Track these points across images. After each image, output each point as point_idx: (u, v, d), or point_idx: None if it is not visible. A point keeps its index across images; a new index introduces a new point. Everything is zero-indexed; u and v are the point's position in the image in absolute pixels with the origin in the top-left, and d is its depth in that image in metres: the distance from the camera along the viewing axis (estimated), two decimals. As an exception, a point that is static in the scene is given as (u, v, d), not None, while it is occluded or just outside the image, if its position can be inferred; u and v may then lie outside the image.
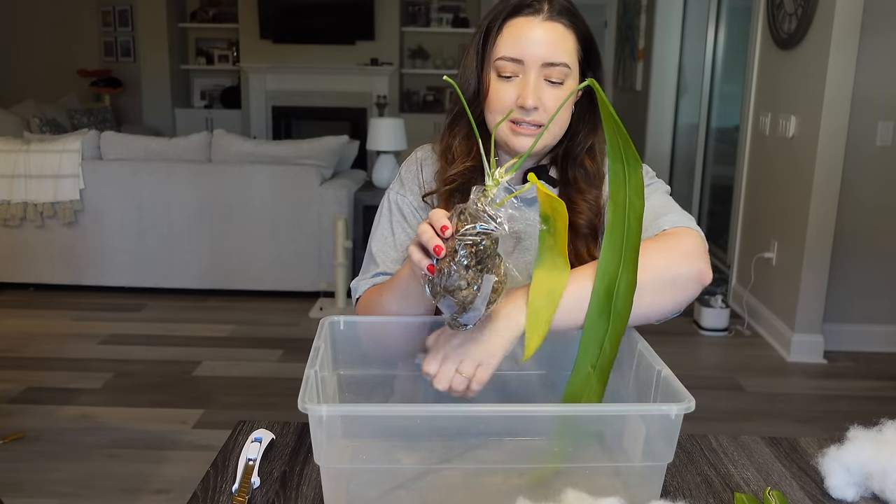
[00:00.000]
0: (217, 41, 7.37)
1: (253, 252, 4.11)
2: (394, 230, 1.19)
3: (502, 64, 1.07)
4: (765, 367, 3.36)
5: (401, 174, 1.23)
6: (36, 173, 3.99)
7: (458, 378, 0.93)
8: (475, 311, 0.85)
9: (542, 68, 1.06)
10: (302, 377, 0.83)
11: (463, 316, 0.86)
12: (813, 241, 3.30)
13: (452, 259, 0.83)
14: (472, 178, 1.14)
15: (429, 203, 1.18)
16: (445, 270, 0.83)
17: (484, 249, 0.83)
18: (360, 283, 1.18)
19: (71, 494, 2.29)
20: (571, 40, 1.08)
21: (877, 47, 3.19)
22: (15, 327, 3.68)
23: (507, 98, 1.08)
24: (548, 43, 1.06)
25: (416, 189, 1.20)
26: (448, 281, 0.83)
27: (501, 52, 1.08)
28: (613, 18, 6.90)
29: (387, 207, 1.21)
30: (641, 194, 0.91)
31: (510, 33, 1.08)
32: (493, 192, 0.85)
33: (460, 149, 1.16)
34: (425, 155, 1.23)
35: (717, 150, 5.26)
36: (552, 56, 1.06)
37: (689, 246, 1.02)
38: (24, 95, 6.26)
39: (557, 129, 1.11)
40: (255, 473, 0.94)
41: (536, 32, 1.06)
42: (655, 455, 0.84)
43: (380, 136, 4.18)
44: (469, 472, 0.88)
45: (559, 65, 1.06)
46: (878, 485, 0.91)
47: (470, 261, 0.83)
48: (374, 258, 1.18)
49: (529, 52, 1.06)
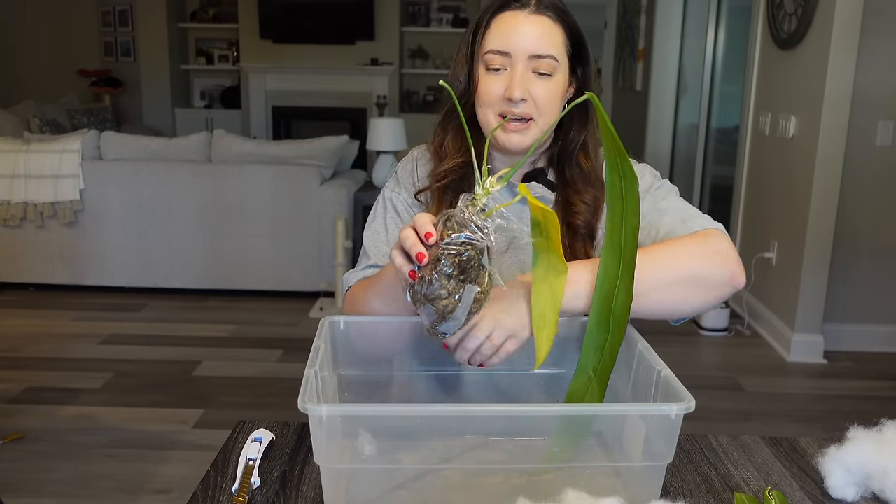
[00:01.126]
0: (217, 41, 7.37)
1: (253, 252, 4.10)
2: (387, 226, 1.20)
3: (490, 57, 1.09)
4: (765, 367, 3.36)
5: (397, 172, 1.25)
6: (36, 173, 3.99)
7: (487, 344, 0.93)
8: (455, 320, 0.84)
9: (530, 61, 1.08)
10: (302, 377, 0.83)
11: (442, 325, 0.85)
12: (813, 241, 3.30)
13: (434, 267, 0.81)
14: (465, 173, 1.15)
15: (422, 201, 1.19)
16: (427, 278, 0.82)
17: (468, 260, 0.81)
18: (351, 275, 1.19)
19: (71, 494, 2.29)
20: (559, 34, 1.09)
21: (877, 47, 3.19)
22: (15, 327, 3.68)
23: (495, 90, 1.09)
24: (535, 36, 1.07)
25: (411, 187, 1.21)
26: (429, 289, 0.82)
27: (489, 45, 1.09)
28: (613, 18, 6.90)
29: (381, 204, 1.23)
30: (637, 210, 0.92)
31: (498, 27, 1.09)
32: (482, 201, 0.83)
33: (453, 145, 1.17)
34: (421, 154, 1.24)
35: (717, 150, 5.26)
36: (539, 48, 1.07)
37: (723, 248, 1.04)
38: (24, 95, 6.26)
39: (546, 123, 1.11)
40: (255, 473, 0.94)
41: (523, 25, 1.08)
42: (655, 455, 0.84)
43: (380, 136, 4.18)
44: (469, 472, 0.88)
45: (546, 57, 1.07)
46: (878, 485, 0.91)
47: (452, 270, 0.81)
48: (367, 252, 1.20)
49: (516, 44, 1.07)
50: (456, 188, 1.15)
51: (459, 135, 1.17)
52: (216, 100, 7.43)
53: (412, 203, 1.20)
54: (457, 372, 1.07)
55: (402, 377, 1.10)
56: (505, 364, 1.06)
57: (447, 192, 1.15)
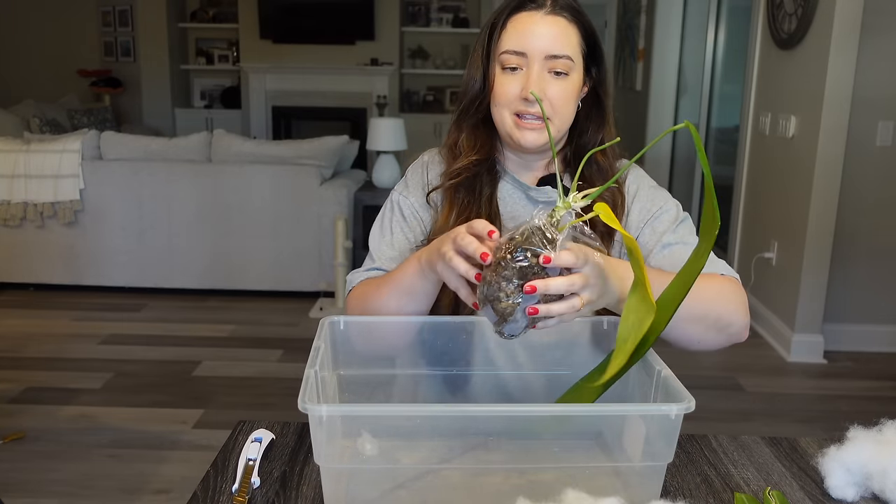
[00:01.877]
0: (217, 41, 7.37)
1: (253, 252, 4.10)
2: (392, 229, 1.20)
3: (506, 57, 1.10)
4: (765, 367, 3.36)
5: (406, 176, 1.25)
6: (36, 173, 3.99)
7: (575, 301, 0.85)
8: (514, 322, 0.84)
9: (546, 61, 1.08)
10: (302, 377, 0.83)
11: (504, 326, 0.85)
12: (813, 241, 3.30)
13: (496, 270, 0.83)
14: (478, 171, 1.15)
15: (432, 204, 1.19)
16: (489, 279, 0.84)
17: (530, 267, 0.82)
18: (355, 275, 1.19)
19: (71, 494, 2.29)
20: (574, 34, 1.10)
21: (877, 47, 3.19)
22: (15, 327, 3.68)
23: (511, 91, 1.10)
24: (550, 36, 1.08)
25: (420, 191, 1.21)
26: (489, 290, 0.83)
27: (505, 45, 1.10)
28: (613, 18, 6.90)
29: (389, 207, 1.23)
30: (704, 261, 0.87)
31: (514, 28, 1.10)
32: (559, 214, 0.84)
33: (467, 143, 1.17)
34: (431, 158, 1.24)
35: (717, 150, 5.26)
36: (555, 48, 1.08)
37: (745, 301, 1.08)
38: (24, 95, 6.26)
39: (561, 122, 1.12)
40: (255, 473, 0.94)
41: (539, 26, 1.08)
42: (655, 455, 0.84)
43: (380, 136, 4.18)
44: (469, 472, 0.88)
45: (562, 57, 1.08)
46: (878, 485, 0.91)
47: (513, 273, 0.82)
48: (371, 254, 1.20)
49: (532, 44, 1.08)
50: (469, 187, 1.15)
51: (474, 133, 1.17)
52: (216, 100, 7.43)
53: (420, 206, 1.20)
54: (457, 372, 1.07)
55: (402, 377, 1.10)
56: (508, 364, 1.06)
57: (459, 191, 1.15)
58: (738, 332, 1.06)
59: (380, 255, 1.18)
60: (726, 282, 1.07)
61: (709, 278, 1.05)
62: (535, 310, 0.83)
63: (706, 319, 1.03)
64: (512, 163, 1.19)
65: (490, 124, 1.16)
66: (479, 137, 1.17)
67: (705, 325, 1.04)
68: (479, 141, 1.16)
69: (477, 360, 1.07)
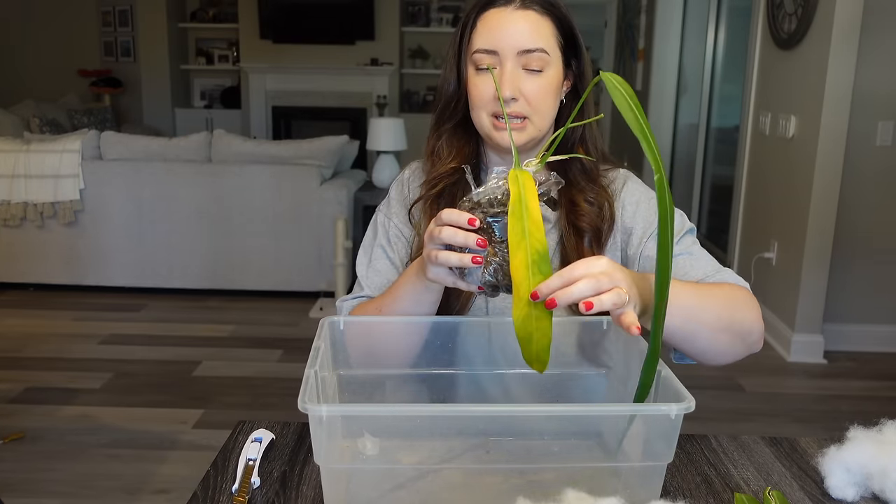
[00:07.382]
0: (217, 41, 7.37)
1: (253, 252, 4.11)
2: (377, 255, 1.18)
3: (479, 57, 1.07)
4: (765, 367, 3.36)
5: (389, 194, 1.23)
6: (36, 173, 3.99)
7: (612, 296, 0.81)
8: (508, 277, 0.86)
9: (519, 57, 1.05)
10: (302, 377, 0.83)
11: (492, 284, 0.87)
12: (813, 241, 3.30)
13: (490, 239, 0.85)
14: (457, 179, 1.13)
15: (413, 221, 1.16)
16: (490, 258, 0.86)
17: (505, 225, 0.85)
18: (345, 303, 1.17)
19: (71, 494, 2.29)
20: (547, 26, 1.07)
21: (877, 47, 3.19)
22: (15, 327, 3.68)
23: (485, 91, 1.07)
24: (522, 30, 1.05)
25: (402, 208, 1.19)
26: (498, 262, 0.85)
27: (477, 45, 1.07)
28: (613, 18, 6.90)
29: (372, 231, 1.21)
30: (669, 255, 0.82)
31: (484, 26, 1.07)
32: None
33: (446, 148, 1.15)
34: (413, 172, 1.22)
35: (717, 150, 5.26)
36: (527, 42, 1.04)
37: (759, 309, 1.06)
38: (24, 95, 6.26)
39: (541, 119, 1.09)
40: (255, 473, 0.94)
41: (509, 22, 1.05)
42: (655, 455, 0.84)
43: (380, 136, 4.19)
44: (469, 472, 0.88)
45: (535, 51, 1.05)
46: (878, 485, 0.91)
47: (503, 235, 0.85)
48: (360, 281, 1.19)
49: (504, 41, 1.05)
50: (449, 195, 1.12)
51: (452, 138, 1.15)
52: (216, 100, 7.43)
53: (403, 223, 1.18)
54: (458, 372, 1.07)
55: (402, 377, 1.10)
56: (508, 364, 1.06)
57: (440, 201, 1.12)
58: (756, 340, 1.04)
59: (368, 283, 1.17)
60: (740, 290, 1.04)
61: (727, 287, 1.03)
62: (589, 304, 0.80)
63: (731, 329, 1.00)
64: (495, 164, 1.16)
65: (469, 127, 1.13)
66: (458, 142, 1.14)
67: (732, 334, 1.00)
68: (457, 146, 1.14)
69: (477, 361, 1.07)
